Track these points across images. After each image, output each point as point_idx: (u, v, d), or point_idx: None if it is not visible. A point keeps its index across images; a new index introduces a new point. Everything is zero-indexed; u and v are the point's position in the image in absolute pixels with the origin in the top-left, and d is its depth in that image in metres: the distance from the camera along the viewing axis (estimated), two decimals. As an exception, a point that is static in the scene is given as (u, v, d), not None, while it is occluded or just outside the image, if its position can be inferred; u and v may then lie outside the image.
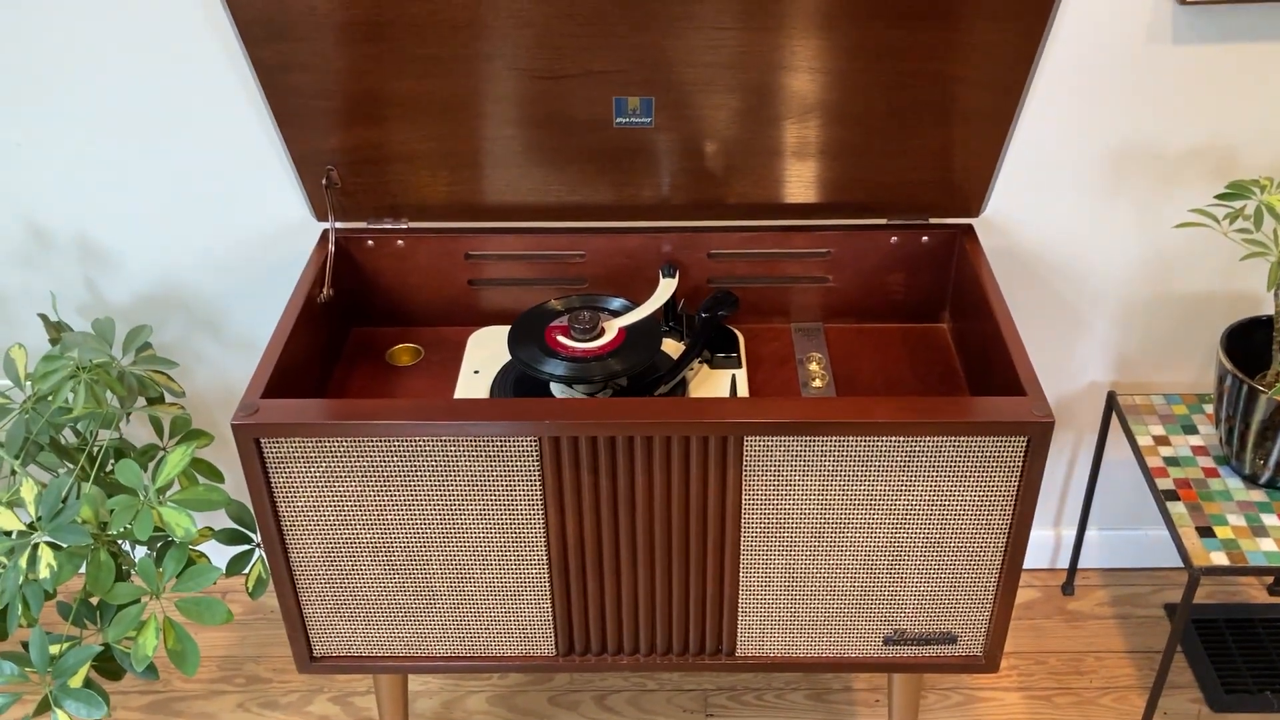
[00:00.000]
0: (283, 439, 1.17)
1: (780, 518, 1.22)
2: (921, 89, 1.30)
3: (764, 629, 1.31)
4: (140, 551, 1.55)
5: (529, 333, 1.37)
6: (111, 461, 1.49)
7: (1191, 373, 1.69)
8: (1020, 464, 1.18)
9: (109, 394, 1.41)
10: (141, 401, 1.51)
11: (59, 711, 1.27)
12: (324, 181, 1.41)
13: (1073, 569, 1.87)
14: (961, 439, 1.16)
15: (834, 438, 1.16)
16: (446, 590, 1.29)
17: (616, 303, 1.42)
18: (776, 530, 1.23)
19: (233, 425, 1.16)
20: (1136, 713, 1.69)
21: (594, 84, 1.29)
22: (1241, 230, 1.35)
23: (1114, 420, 1.67)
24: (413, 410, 1.16)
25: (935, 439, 1.16)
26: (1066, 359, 1.69)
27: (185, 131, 1.50)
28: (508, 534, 1.24)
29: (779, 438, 1.16)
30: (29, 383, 1.43)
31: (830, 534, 1.23)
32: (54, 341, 1.52)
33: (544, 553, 1.25)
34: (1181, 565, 1.90)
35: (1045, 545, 1.90)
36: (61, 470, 1.48)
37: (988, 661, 1.33)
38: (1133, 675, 1.74)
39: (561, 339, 1.35)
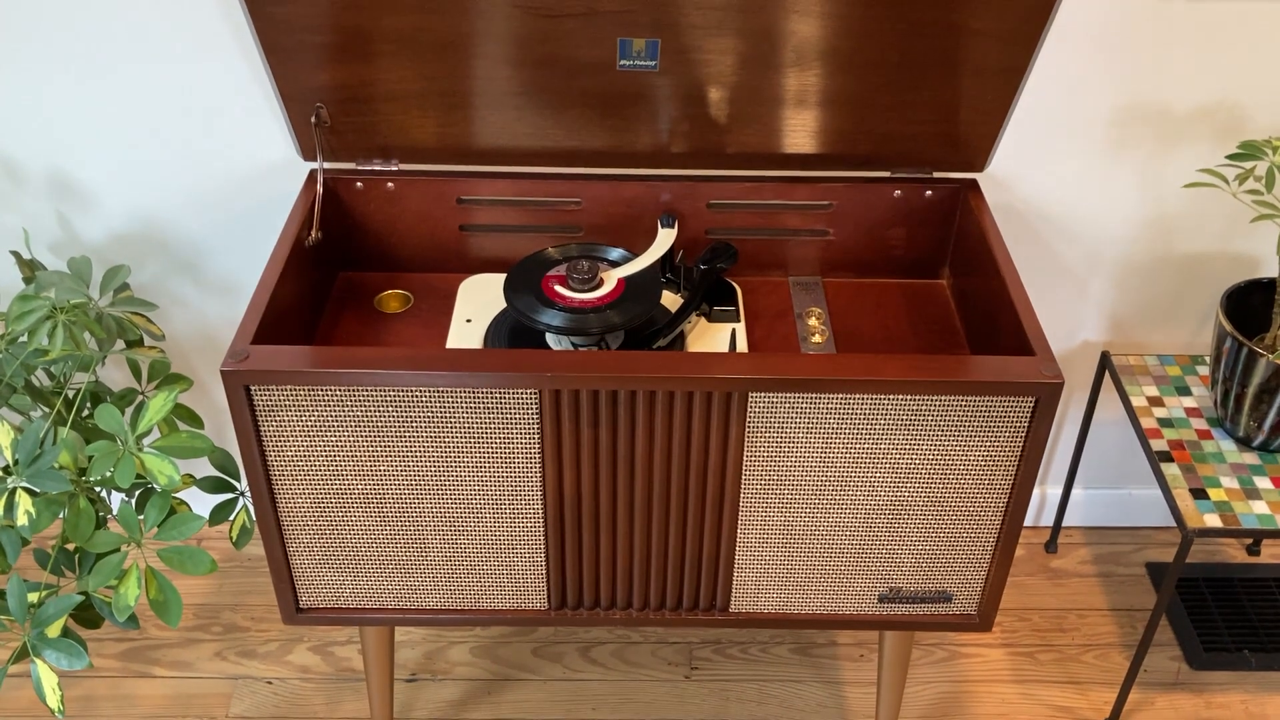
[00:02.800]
0: (274, 386, 1.13)
1: (781, 475, 1.20)
2: (934, 39, 1.26)
3: (759, 585, 1.30)
4: (118, 499, 1.51)
5: (526, 282, 1.33)
6: (88, 405, 1.45)
7: (1185, 334, 1.69)
8: (1027, 424, 1.16)
9: (87, 336, 1.36)
10: (119, 344, 1.47)
11: (39, 662, 1.24)
12: (313, 120, 1.36)
13: (1057, 527, 1.87)
14: (969, 398, 1.14)
15: (840, 395, 1.14)
16: (438, 542, 1.26)
17: (615, 253, 1.39)
18: (777, 488, 1.21)
19: (222, 371, 1.12)
20: (1118, 669, 1.70)
21: (599, 24, 1.24)
22: (1251, 191, 1.34)
23: (1106, 380, 1.67)
24: (410, 359, 1.13)
25: (942, 398, 1.14)
26: (1061, 317, 1.68)
27: (165, 64, 1.43)
28: (503, 486, 1.21)
29: (785, 394, 1.14)
30: (2, 323, 1.37)
31: (831, 491, 1.22)
32: (28, 280, 1.46)
33: (540, 506, 1.23)
34: (1164, 525, 1.92)
35: (1029, 503, 1.90)
36: (35, 413, 1.44)
37: (982, 621, 1.33)
38: (1114, 633, 1.76)
39: (559, 289, 1.32)
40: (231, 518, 1.43)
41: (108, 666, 1.69)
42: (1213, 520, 1.39)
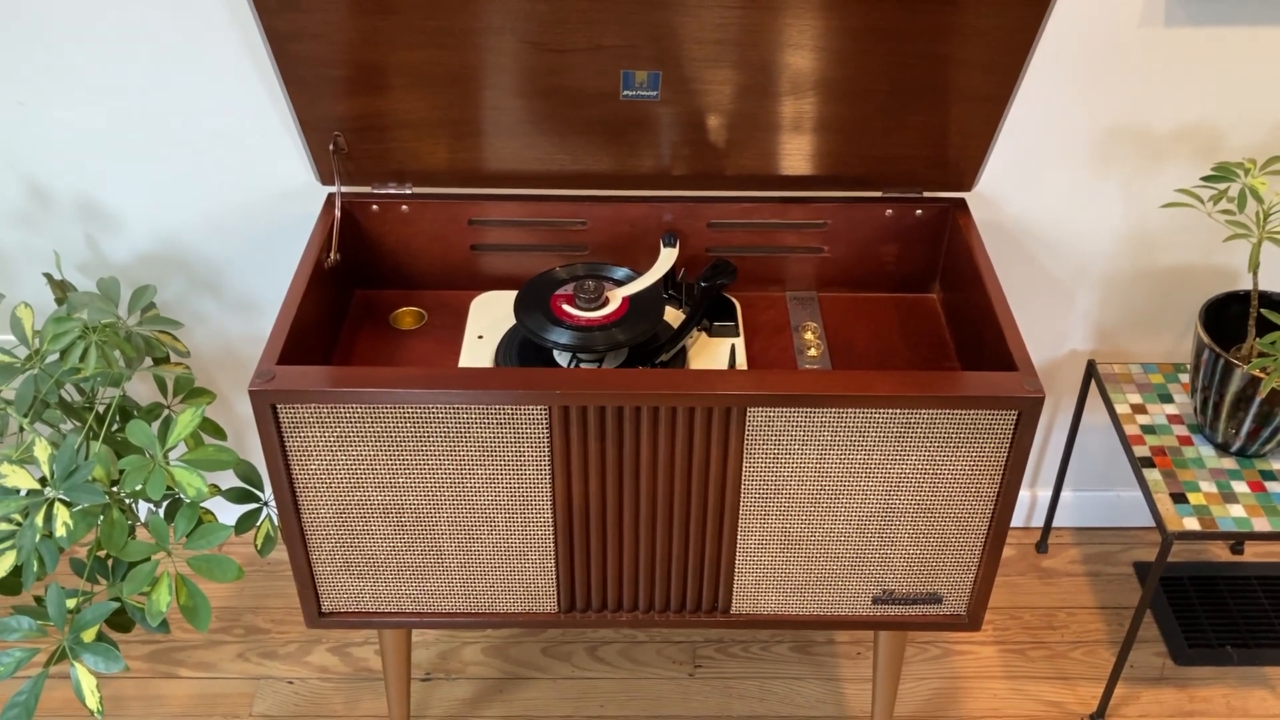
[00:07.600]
0: (298, 404, 1.20)
1: (778, 484, 1.27)
2: (922, 70, 1.33)
3: (759, 588, 1.37)
4: (144, 507, 1.57)
5: (535, 300, 1.40)
6: (117, 420, 1.51)
7: (1168, 343, 1.75)
8: (1010, 435, 1.23)
9: (117, 353, 1.43)
10: (147, 361, 1.53)
11: (78, 665, 1.31)
12: (331, 147, 1.42)
13: (1047, 528, 1.94)
14: (956, 412, 1.21)
15: (834, 409, 1.20)
16: (454, 549, 1.33)
17: (620, 272, 1.45)
18: (774, 496, 1.28)
19: (250, 391, 1.18)
20: (1105, 665, 1.77)
21: (603, 58, 1.31)
22: (1225, 211, 1.40)
23: (1092, 387, 1.73)
24: (427, 379, 1.20)
25: (931, 411, 1.21)
26: (1048, 328, 1.75)
27: (189, 94, 1.50)
28: (515, 497, 1.28)
29: (782, 409, 1.20)
30: (36, 341, 1.44)
31: (825, 500, 1.28)
32: (59, 300, 1.53)
33: (550, 515, 1.30)
34: (1150, 525, 1.98)
35: (1021, 505, 1.97)
36: (64, 426, 1.50)
37: (971, 621, 1.39)
38: (1102, 630, 1.82)
39: (567, 308, 1.38)
40: (256, 526, 1.49)
41: (135, 668, 1.76)
42: (1191, 523, 1.46)
